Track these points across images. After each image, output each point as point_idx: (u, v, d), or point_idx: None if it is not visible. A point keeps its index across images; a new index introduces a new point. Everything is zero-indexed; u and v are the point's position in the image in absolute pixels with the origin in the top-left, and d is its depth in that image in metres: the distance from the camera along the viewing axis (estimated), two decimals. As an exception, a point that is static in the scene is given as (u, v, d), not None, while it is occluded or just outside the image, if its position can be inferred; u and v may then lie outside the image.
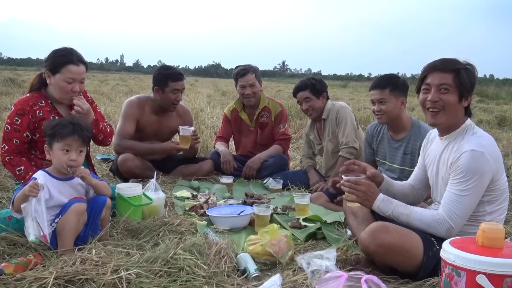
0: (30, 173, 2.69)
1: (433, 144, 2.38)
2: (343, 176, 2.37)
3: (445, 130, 2.26)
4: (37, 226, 2.24)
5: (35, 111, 2.84)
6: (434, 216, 2.13)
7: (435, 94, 2.18)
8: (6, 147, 2.81)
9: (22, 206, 2.24)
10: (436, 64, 2.21)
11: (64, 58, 2.83)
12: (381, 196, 2.28)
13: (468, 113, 2.23)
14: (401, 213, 2.21)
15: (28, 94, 2.94)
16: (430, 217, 2.14)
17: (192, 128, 4.02)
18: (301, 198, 3.20)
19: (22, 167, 2.77)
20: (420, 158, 2.54)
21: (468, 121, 2.21)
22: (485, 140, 2.13)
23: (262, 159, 4.34)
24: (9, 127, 2.80)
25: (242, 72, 4.44)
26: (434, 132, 2.43)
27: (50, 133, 2.44)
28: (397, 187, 2.56)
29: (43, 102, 2.89)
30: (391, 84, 3.10)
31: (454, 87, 2.15)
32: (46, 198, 2.32)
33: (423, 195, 2.59)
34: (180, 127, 3.97)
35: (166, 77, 4.10)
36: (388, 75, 3.23)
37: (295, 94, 3.99)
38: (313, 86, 3.87)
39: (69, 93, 2.86)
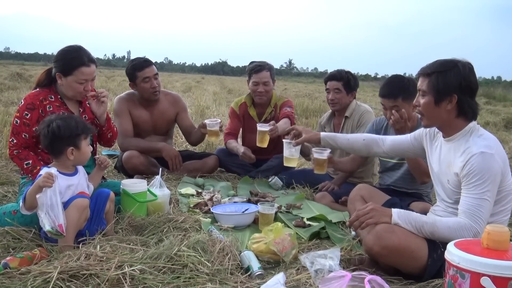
0: (38, 167, 2.70)
1: (437, 141, 2.38)
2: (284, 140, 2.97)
3: (443, 132, 2.28)
4: (52, 216, 2.23)
5: (45, 106, 2.85)
6: (460, 222, 2.07)
7: (416, 98, 2.28)
8: (15, 141, 2.82)
9: (37, 196, 2.23)
10: (421, 69, 2.26)
11: (75, 60, 2.83)
12: (394, 210, 2.17)
13: (463, 115, 2.18)
14: (425, 222, 2.12)
15: (37, 89, 2.95)
16: (457, 224, 2.07)
17: (219, 120, 3.98)
18: (320, 153, 3.03)
19: (30, 161, 2.79)
20: (414, 135, 2.54)
21: (472, 123, 2.19)
22: (492, 142, 2.13)
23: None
24: (19, 121, 2.81)
25: (258, 68, 4.33)
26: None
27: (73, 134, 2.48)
28: (343, 139, 2.80)
29: (52, 97, 2.90)
30: (402, 92, 3.00)
31: (428, 91, 2.19)
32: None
33: (384, 155, 2.78)
34: (207, 121, 3.96)
35: (133, 69, 4.11)
36: (398, 81, 3.08)
37: (326, 81, 3.94)
38: (348, 80, 3.84)
39: (81, 93, 2.89)
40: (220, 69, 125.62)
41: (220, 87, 21.57)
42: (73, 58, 2.84)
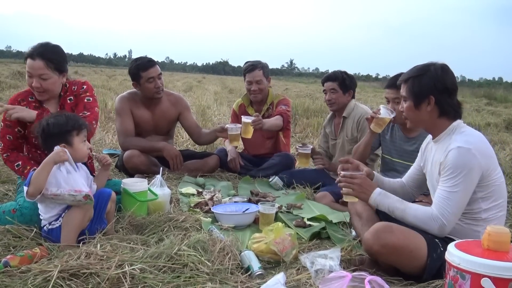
0: (29, 167, 2.72)
1: (429, 146, 2.42)
2: (340, 172, 2.47)
3: (431, 134, 2.35)
4: (79, 187, 2.28)
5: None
6: (428, 213, 2.15)
7: (401, 104, 2.37)
8: (2, 145, 2.85)
9: (55, 167, 2.26)
10: (401, 76, 2.36)
11: (28, 51, 2.82)
12: (378, 190, 2.31)
13: (445, 115, 2.23)
14: (397, 208, 2.24)
15: (24, 89, 2.97)
16: (424, 213, 2.16)
17: (240, 125, 4.00)
18: (303, 148, 3.74)
19: (20, 162, 2.81)
20: (417, 159, 2.56)
21: (456, 122, 2.24)
22: (473, 137, 2.16)
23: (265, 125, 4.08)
24: (2, 124, 2.85)
25: (250, 68, 4.48)
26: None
27: (62, 131, 2.46)
28: (387, 184, 2.61)
29: (33, 97, 2.91)
30: None
31: (408, 96, 2.29)
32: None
33: (414, 194, 2.61)
34: (228, 125, 4.00)
35: (137, 69, 4.11)
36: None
37: (323, 82, 4.00)
38: (343, 80, 3.89)
39: (31, 87, 2.85)
40: (221, 68, 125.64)
41: (221, 87, 21.59)
42: (29, 49, 2.83)
